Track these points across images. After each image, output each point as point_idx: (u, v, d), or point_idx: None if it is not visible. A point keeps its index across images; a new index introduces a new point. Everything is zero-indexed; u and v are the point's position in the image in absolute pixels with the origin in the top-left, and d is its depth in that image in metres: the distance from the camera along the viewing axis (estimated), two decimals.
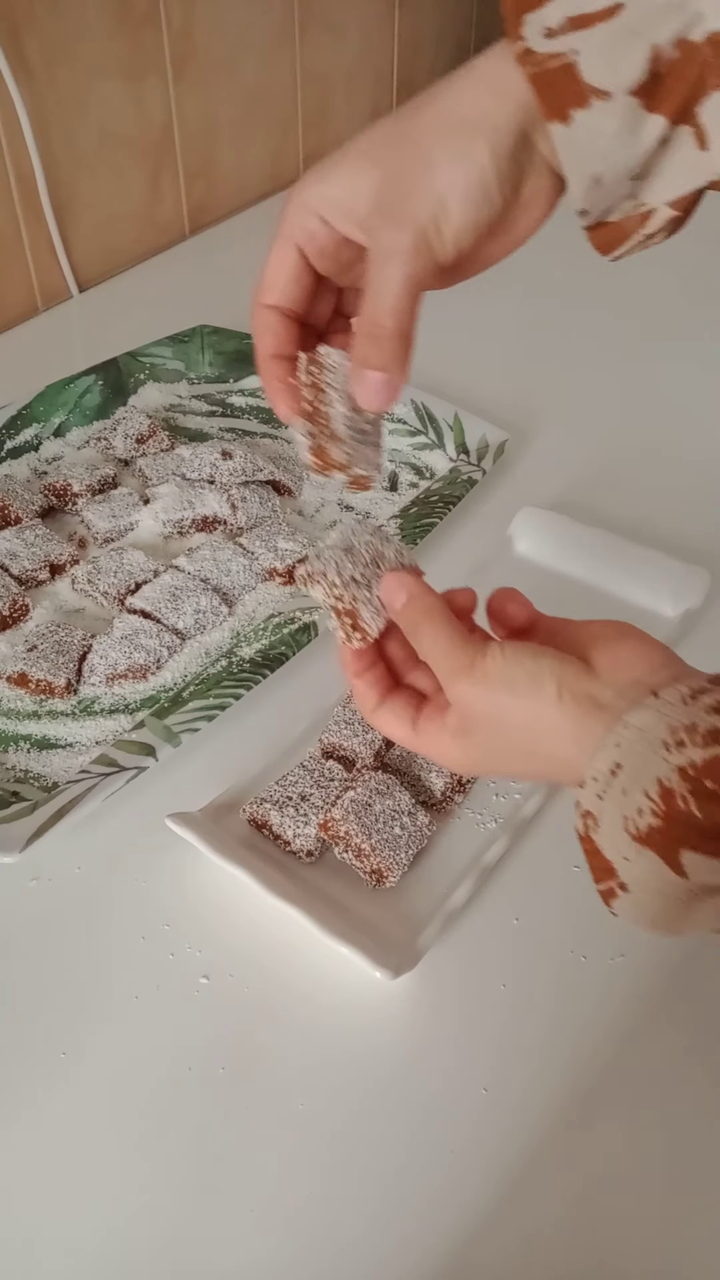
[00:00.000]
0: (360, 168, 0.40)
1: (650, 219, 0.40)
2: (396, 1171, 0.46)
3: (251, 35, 1.19)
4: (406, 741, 0.46)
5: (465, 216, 0.39)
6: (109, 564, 0.72)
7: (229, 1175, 0.46)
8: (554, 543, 0.75)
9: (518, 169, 0.39)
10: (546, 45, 0.37)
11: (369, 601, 0.46)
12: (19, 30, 0.94)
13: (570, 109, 0.37)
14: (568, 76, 0.37)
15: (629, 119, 0.37)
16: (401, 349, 0.41)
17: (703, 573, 0.71)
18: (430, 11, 1.49)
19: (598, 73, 0.37)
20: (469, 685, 0.42)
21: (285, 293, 0.43)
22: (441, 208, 0.39)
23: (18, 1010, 0.51)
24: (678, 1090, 0.48)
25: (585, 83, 0.37)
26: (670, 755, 0.36)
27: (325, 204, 0.41)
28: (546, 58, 0.37)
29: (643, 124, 0.37)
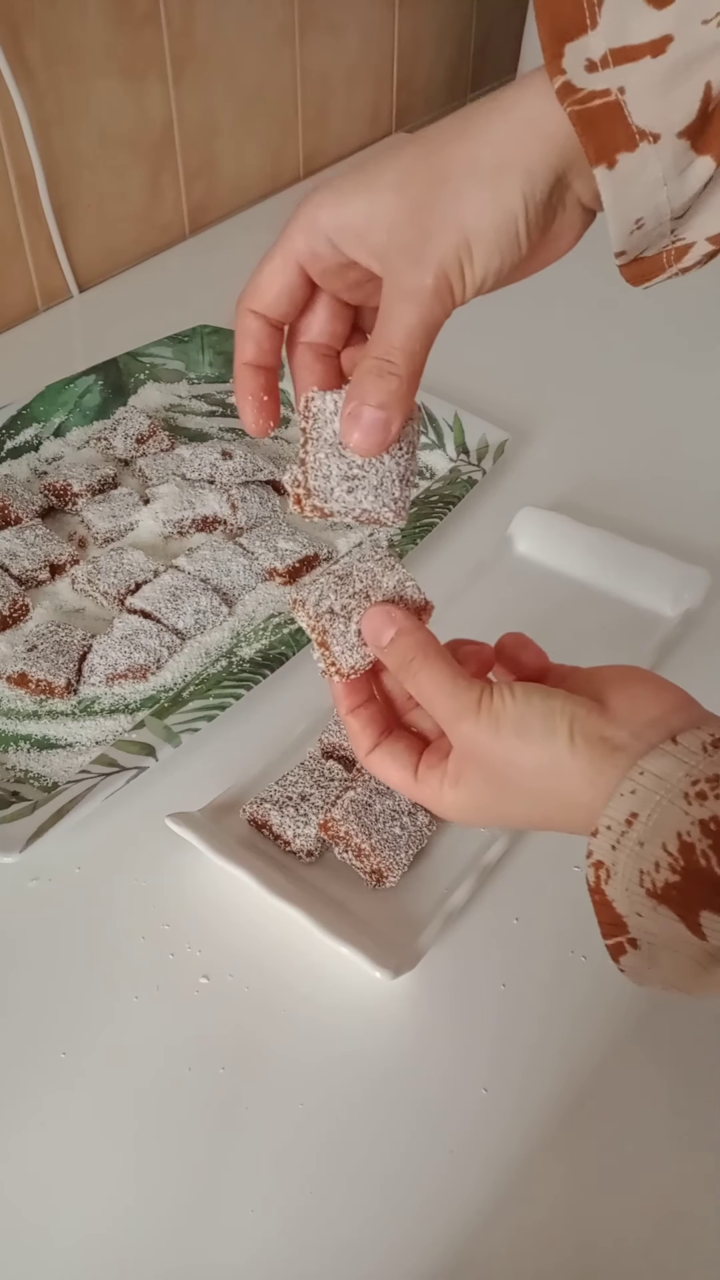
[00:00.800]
0: (382, 198, 0.38)
1: (688, 253, 0.38)
2: (396, 1171, 0.46)
3: (251, 35, 1.19)
4: (405, 789, 0.44)
5: (490, 263, 0.37)
6: (109, 564, 0.72)
7: (229, 1175, 0.46)
8: (554, 543, 0.75)
9: (550, 212, 0.37)
10: (589, 81, 0.35)
11: (344, 635, 0.42)
12: (19, 30, 0.94)
13: (616, 153, 0.35)
14: (614, 117, 0.35)
15: (677, 162, 0.35)
16: (407, 390, 0.39)
17: (703, 573, 0.71)
18: (430, 11, 1.49)
19: (646, 113, 0.34)
20: (476, 727, 0.39)
21: (275, 304, 0.41)
22: (467, 252, 0.37)
23: (18, 1010, 0.51)
24: (677, 1089, 0.48)
25: (633, 124, 0.35)
26: (691, 808, 0.34)
27: (339, 229, 0.39)
28: (590, 95, 0.35)
29: (690, 166, 0.35)
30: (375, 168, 0.38)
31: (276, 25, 1.23)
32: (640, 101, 0.34)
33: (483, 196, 0.36)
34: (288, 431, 0.89)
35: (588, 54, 0.35)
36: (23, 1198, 0.45)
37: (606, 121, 0.35)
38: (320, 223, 0.39)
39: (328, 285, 0.41)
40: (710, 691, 0.66)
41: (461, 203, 0.36)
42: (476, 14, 1.59)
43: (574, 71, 0.35)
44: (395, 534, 0.75)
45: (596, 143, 0.35)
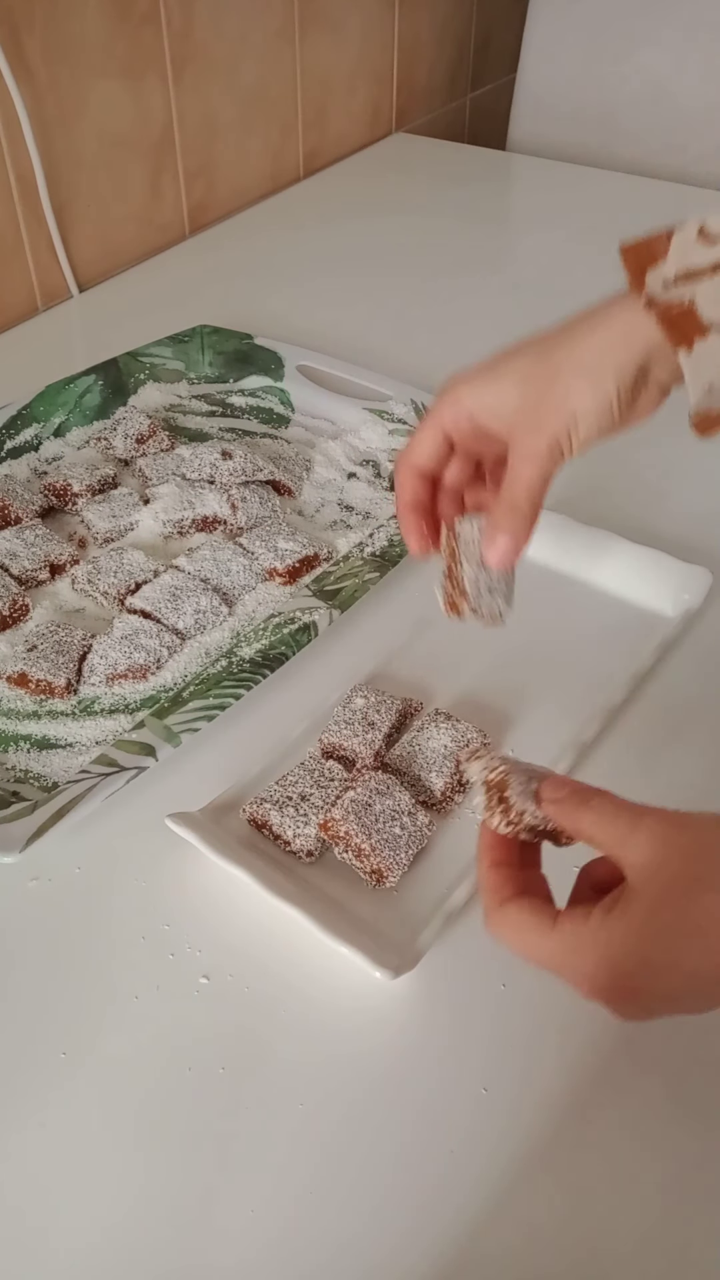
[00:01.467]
0: (509, 384, 0.51)
1: None
2: (395, 1171, 0.46)
3: (251, 35, 1.19)
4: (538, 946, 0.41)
5: (590, 432, 0.50)
6: (109, 564, 0.72)
7: (228, 1175, 0.46)
8: (554, 543, 0.75)
9: (636, 392, 0.50)
10: (667, 295, 0.48)
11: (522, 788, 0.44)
12: (19, 30, 0.94)
13: (694, 338, 0.47)
14: (689, 316, 0.48)
15: None
16: (530, 524, 0.51)
17: (703, 572, 0.71)
18: (430, 11, 1.49)
19: (714, 312, 0.47)
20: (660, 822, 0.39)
21: (429, 462, 0.54)
22: (574, 424, 0.49)
23: (18, 1010, 0.51)
24: (676, 1089, 0.48)
25: (703, 320, 0.47)
26: None
27: (478, 407, 0.52)
28: (670, 304, 0.48)
29: None
30: (503, 366, 0.52)
31: (276, 25, 1.23)
32: (706, 305, 0.47)
33: (586, 385, 0.49)
34: (288, 431, 0.89)
35: (665, 277, 0.48)
36: (22, 1198, 0.45)
37: (683, 319, 0.47)
38: (463, 401, 0.52)
39: (461, 445, 0.54)
40: (710, 692, 0.66)
41: (569, 391, 0.49)
42: (476, 14, 1.59)
43: (654, 289, 0.48)
44: (395, 533, 0.75)
45: (677, 333, 0.48)
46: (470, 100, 1.68)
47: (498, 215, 1.35)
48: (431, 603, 0.71)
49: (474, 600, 0.53)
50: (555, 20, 1.42)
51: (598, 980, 0.39)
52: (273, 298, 1.08)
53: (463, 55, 1.61)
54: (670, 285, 0.48)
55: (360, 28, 1.37)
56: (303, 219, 1.28)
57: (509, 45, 1.60)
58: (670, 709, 0.65)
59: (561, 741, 0.62)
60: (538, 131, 1.48)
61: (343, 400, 0.89)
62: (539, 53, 1.45)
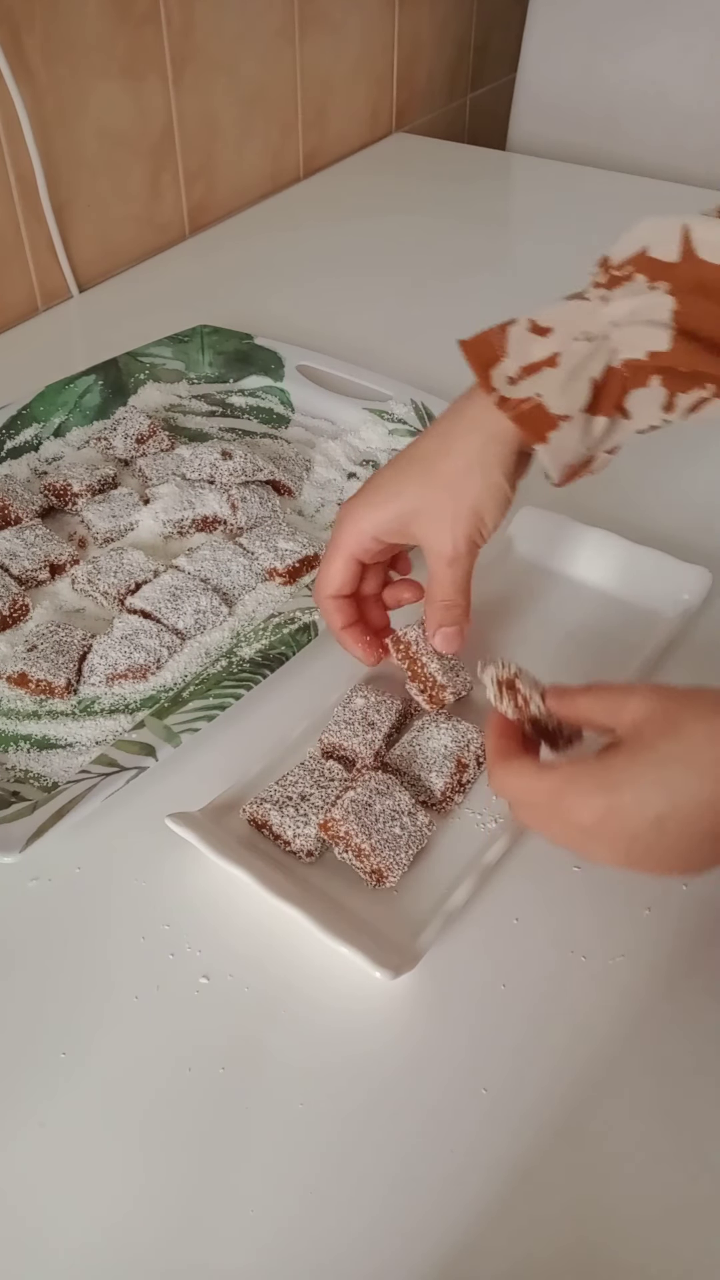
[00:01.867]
0: (406, 501, 0.57)
1: (594, 462, 0.58)
2: (396, 1170, 0.46)
3: (251, 35, 1.19)
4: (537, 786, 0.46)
5: (496, 519, 0.57)
6: (109, 564, 0.72)
7: (229, 1175, 0.46)
8: (554, 543, 0.75)
9: (520, 471, 0.57)
10: (514, 391, 0.54)
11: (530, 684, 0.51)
12: (19, 30, 0.94)
13: (547, 432, 0.54)
14: (539, 412, 0.53)
15: (584, 427, 0.54)
16: (466, 612, 0.59)
17: (703, 572, 0.71)
18: (430, 11, 1.49)
19: (559, 405, 0.53)
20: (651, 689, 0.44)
21: (344, 589, 0.61)
22: (482, 521, 0.57)
23: (18, 1010, 0.51)
24: (677, 1089, 0.48)
25: (552, 414, 0.53)
26: None
27: (383, 530, 0.58)
28: (520, 402, 0.53)
29: (592, 425, 0.55)
30: (394, 487, 0.58)
31: (276, 25, 1.23)
32: (553, 400, 0.53)
33: (481, 484, 0.56)
34: (288, 431, 0.89)
35: (507, 374, 0.54)
36: (22, 1198, 0.45)
37: (536, 416, 0.53)
38: (363, 526, 0.58)
39: (370, 560, 0.61)
40: None
41: (468, 494, 0.56)
42: (476, 14, 1.59)
43: (501, 386, 0.54)
44: None
45: (531, 431, 0.54)
46: (470, 100, 1.68)
47: (498, 215, 1.35)
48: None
49: (449, 684, 0.61)
50: (555, 20, 1.42)
51: (592, 801, 0.43)
52: (273, 298, 1.08)
53: (463, 55, 1.61)
54: (515, 382, 0.54)
55: (360, 28, 1.37)
56: (303, 219, 1.28)
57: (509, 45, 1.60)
58: None
59: None
60: (538, 131, 1.48)
61: (343, 400, 0.89)
62: (539, 53, 1.45)
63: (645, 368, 0.53)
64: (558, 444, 0.54)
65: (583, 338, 0.53)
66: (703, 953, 0.53)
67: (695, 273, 0.52)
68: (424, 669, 0.61)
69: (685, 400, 0.54)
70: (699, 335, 0.52)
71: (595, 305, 0.54)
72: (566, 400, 0.53)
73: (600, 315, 0.54)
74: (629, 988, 0.52)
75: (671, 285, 0.52)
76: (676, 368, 0.52)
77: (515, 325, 0.55)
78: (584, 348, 0.53)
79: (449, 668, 0.62)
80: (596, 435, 0.55)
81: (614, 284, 0.54)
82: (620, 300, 0.53)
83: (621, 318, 0.53)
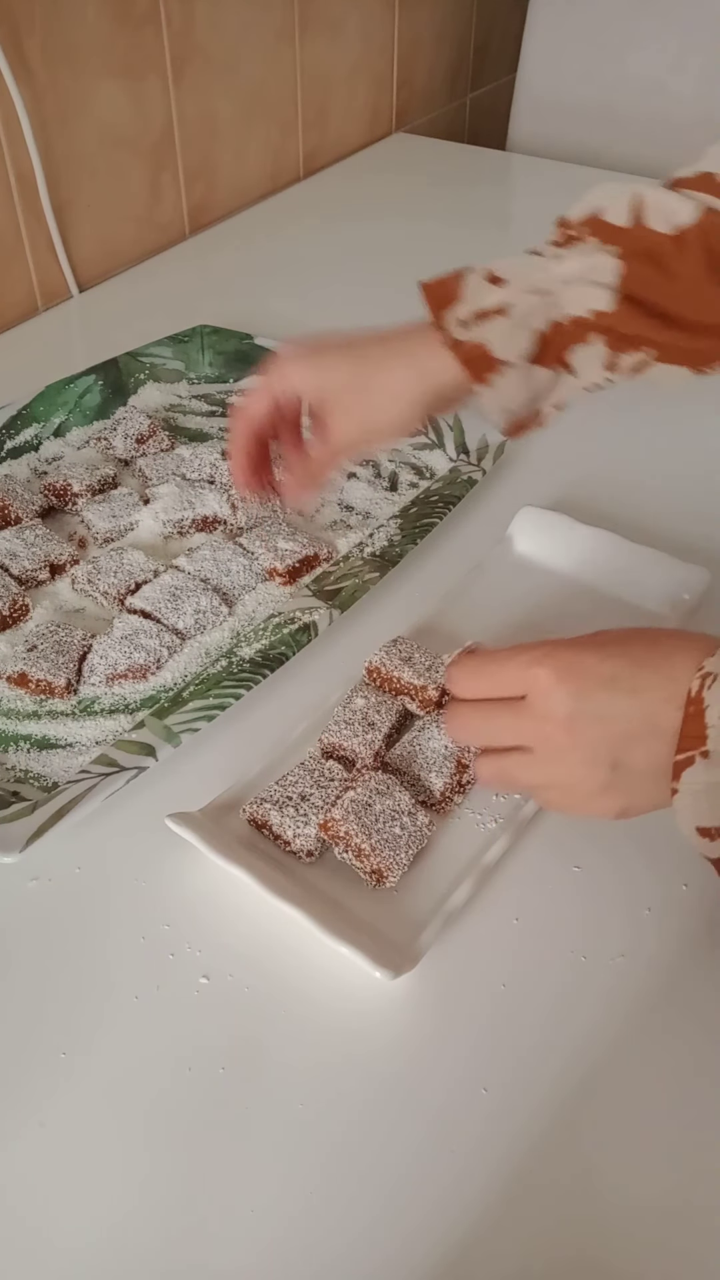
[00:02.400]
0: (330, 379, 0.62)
1: (540, 416, 0.62)
2: (396, 1171, 0.46)
3: (251, 35, 1.19)
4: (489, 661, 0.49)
5: (387, 442, 0.65)
6: (109, 564, 0.72)
7: (229, 1175, 0.46)
8: (554, 542, 0.75)
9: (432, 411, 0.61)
10: (464, 334, 0.58)
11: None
12: (19, 30, 0.94)
13: (489, 375, 0.58)
14: (484, 356, 0.57)
15: (525, 374, 0.58)
16: (314, 493, 0.69)
17: (702, 571, 0.71)
18: (430, 11, 1.49)
19: (504, 351, 0.57)
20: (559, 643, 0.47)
21: (260, 418, 0.65)
22: (377, 438, 0.63)
23: (18, 1010, 0.51)
24: (677, 1089, 0.48)
25: (496, 358, 0.57)
26: None
27: (305, 388, 0.63)
28: (468, 344, 0.57)
29: (534, 374, 0.58)
30: (328, 361, 0.62)
31: (276, 25, 1.23)
32: (498, 345, 0.57)
33: (390, 408, 0.61)
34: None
35: (459, 317, 0.58)
36: (22, 1198, 0.45)
37: (480, 360, 0.57)
38: (292, 382, 0.63)
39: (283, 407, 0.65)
40: None
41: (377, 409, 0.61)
42: (476, 14, 1.59)
43: (453, 328, 0.58)
44: (395, 534, 0.75)
45: (475, 371, 0.58)
46: (470, 100, 1.68)
47: (498, 215, 1.35)
48: (429, 603, 0.71)
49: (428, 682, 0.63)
50: (555, 20, 1.42)
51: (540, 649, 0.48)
52: (273, 298, 1.08)
53: (463, 55, 1.61)
54: (466, 325, 0.58)
55: (360, 28, 1.37)
56: (303, 219, 1.28)
57: (509, 45, 1.60)
58: None
59: None
60: (538, 131, 1.48)
61: None
62: (539, 53, 1.45)
63: (588, 325, 0.56)
64: (499, 387, 0.58)
65: (533, 291, 0.57)
66: (703, 953, 0.53)
67: (643, 239, 0.55)
68: (400, 681, 0.63)
69: (627, 361, 0.57)
70: (641, 300, 0.55)
71: (548, 261, 0.57)
72: (510, 347, 0.57)
73: (552, 271, 0.57)
74: (629, 988, 0.52)
75: (620, 249, 0.55)
76: (618, 329, 0.55)
77: (473, 273, 0.59)
78: (533, 300, 0.57)
79: (422, 670, 0.63)
80: (538, 385, 0.58)
81: (568, 243, 0.57)
82: (571, 259, 0.56)
83: (571, 276, 0.56)
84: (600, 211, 0.57)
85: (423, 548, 0.75)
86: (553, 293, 0.57)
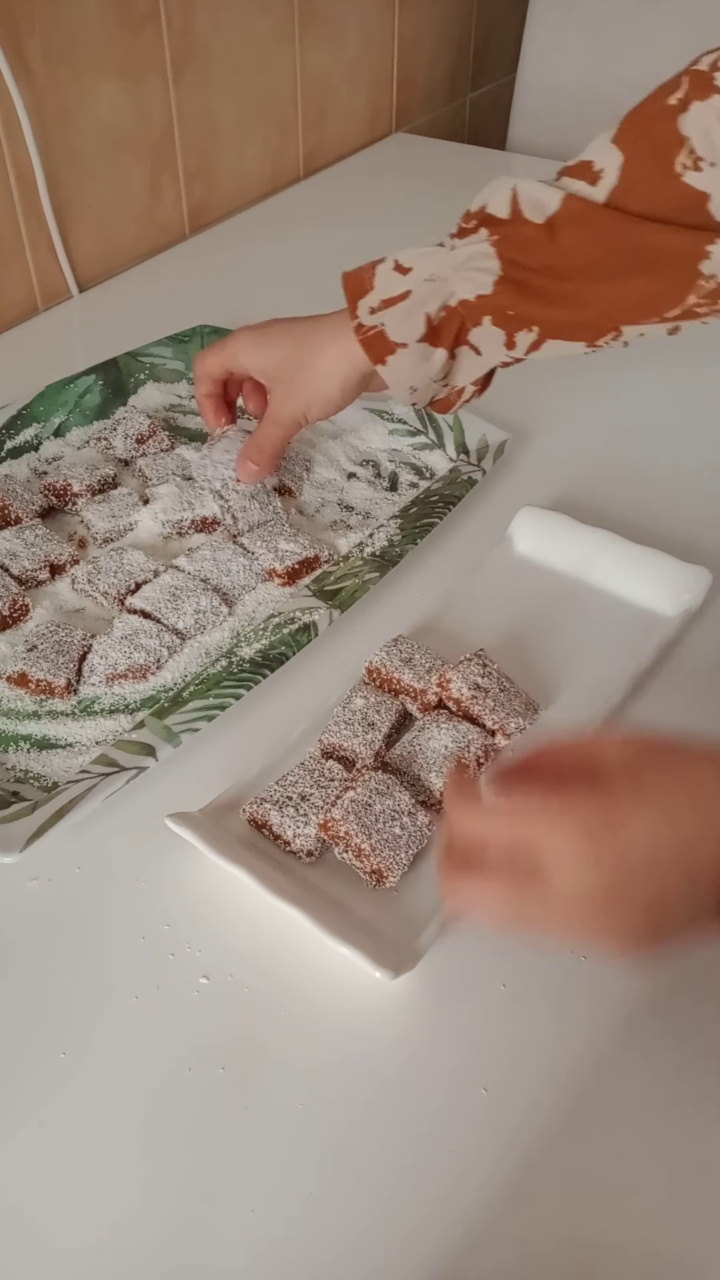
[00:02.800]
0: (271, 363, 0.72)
1: (463, 393, 0.70)
2: (396, 1171, 0.46)
3: (251, 35, 1.19)
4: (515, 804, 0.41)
5: (321, 416, 0.73)
6: (109, 564, 0.72)
7: (229, 1175, 0.46)
8: (554, 542, 0.75)
9: (360, 388, 0.71)
10: (370, 320, 0.66)
11: None
12: (19, 30, 0.94)
13: (385, 355, 0.66)
14: (381, 338, 0.66)
15: (421, 354, 0.66)
16: (273, 463, 0.77)
17: (703, 572, 0.71)
18: (430, 11, 1.49)
19: (397, 334, 0.65)
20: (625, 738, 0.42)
21: (215, 373, 0.77)
22: (310, 410, 0.72)
23: (18, 1010, 0.51)
24: (677, 1089, 0.48)
25: (390, 340, 0.66)
26: None
27: (250, 365, 0.74)
28: (369, 329, 0.66)
29: (431, 355, 0.66)
30: (272, 342, 0.72)
31: (276, 25, 1.23)
32: (392, 328, 0.65)
33: (320, 386, 0.70)
34: None
35: (370, 305, 0.66)
36: (22, 1198, 0.45)
37: (377, 342, 0.66)
38: (240, 360, 0.74)
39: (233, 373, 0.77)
40: (710, 691, 0.66)
41: (309, 388, 0.71)
42: (476, 14, 1.59)
43: (363, 315, 0.66)
44: (395, 534, 0.75)
45: (374, 353, 0.67)
46: (470, 100, 1.68)
47: None
48: (429, 603, 0.71)
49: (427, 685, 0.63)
50: (555, 20, 1.42)
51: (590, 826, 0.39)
52: (273, 298, 1.08)
53: (463, 55, 1.61)
54: (374, 312, 0.65)
55: (360, 28, 1.37)
56: (303, 219, 1.28)
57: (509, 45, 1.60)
58: (670, 709, 0.65)
59: None
60: (538, 131, 1.48)
61: None
62: (539, 53, 1.45)
63: (476, 307, 0.63)
64: (394, 366, 0.66)
65: (429, 279, 0.64)
66: (703, 953, 0.53)
67: (518, 229, 0.62)
68: (400, 682, 0.64)
69: (523, 339, 0.63)
70: (518, 281, 0.62)
71: (445, 252, 0.64)
72: (404, 330, 0.65)
73: (446, 260, 0.64)
74: (628, 988, 0.52)
75: (499, 238, 0.62)
76: (503, 308, 0.62)
77: (384, 264, 0.66)
78: (428, 287, 0.64)
79: (423, 672, 0.64)
80: (437, 365, 0.66)
81: (463, 234, 0.64)
82: (463, 248, 0.63)
83: (460, 263, 0.63)
84: (487, 205, 0.63)
85: (423, 548, 0.74)
86: (445, 280, 0.64)
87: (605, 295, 0.61)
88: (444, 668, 0.64)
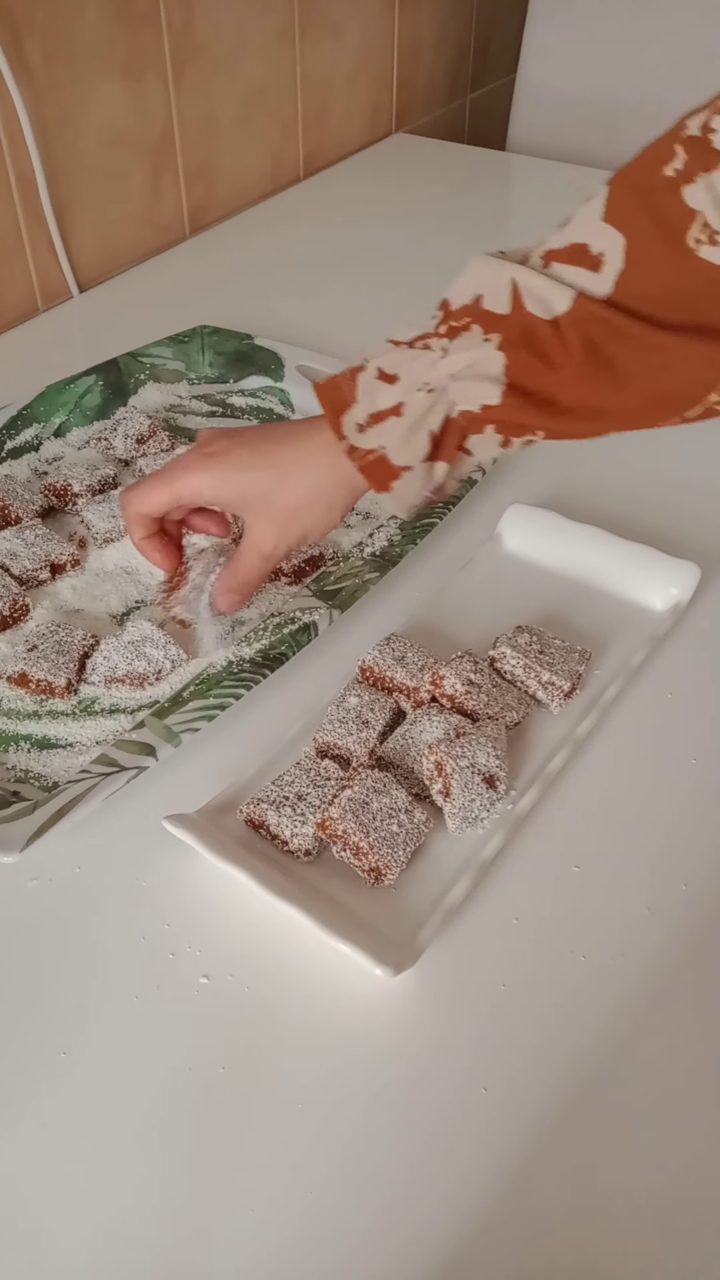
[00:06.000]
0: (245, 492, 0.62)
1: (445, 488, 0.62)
2: (396, 1169, 0.46)
3: (251, 35, 1.19)
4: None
5: (318, 539, 0.64)
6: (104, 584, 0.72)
7: (229, 1175, 0.46)
8: (543, 539, 0.75)
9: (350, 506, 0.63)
10: (362, 440, 0.58)
11: None
12: (19, 30, 0.94)
13: (390, 482, 0.58)
14: (383, 464, 0.58)
15: (425, 474, 0.59)
16: (250, 596, 0.67)
17: (691, 567, 0.71)
18: (430, 11, 1.49)
19: (401, 457, 0.58)
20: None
21: (153, 511, 0.65)
22: (305, 540, 0.63)
23: (18, 1010, 0.51)
24: (676, 1089, 0.48)
25: (395, 465, 0.58)
26: None
27: (215, 497, 0.63)
28: (366, 453, 0.58)
29: (434, 470, 0.59)
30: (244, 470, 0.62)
31: (276, 25, 1.23)
32: (395, 452, 0.57)
33: (319, 516, 0.62)
34: None
35: (357, 420, 0.58)
36: (22, 1198, 0.45)
37: (380, 468, 0.58)
38: (201, 490, 0.62)
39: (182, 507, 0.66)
40: (701, 685, 0.66)
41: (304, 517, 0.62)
42: (476, 14, 1.59)
43: (351, 434, 0.58)
44: (395, 534, 0.75)
45: (376, 481, 0.59)
46: (470, 100, 1.68)
47: (498, 216, 1.35)
48: (428, 603, 0.71)
49: (420, 684, 0.64)
50: (555, 20, 1.42)
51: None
52: (273, 298, 1.08)
53: (463, 55, 1.61)
54: (364, 430, 0.58)
55: (360, 28, 1.37)
56: (303, 219, 1.28)
57: (509, 45, 1.60)
58: (660, 703, 0.65)
59: (554, 736, 0.62)
60: (538, 131, 1.48)
61: None
62: (539, 53, 1.45)
63: (480, 418, 0.56)
64: (400, 491, 0.59)
65: (424, 389, 0.56)
66: (703, 953, 0.53)
67: (522, 324, 0.54)
68: (393, 680, 0.64)
69: (519, 440, 0.58)
70: (527, 389, 0.55)
71: (436, 356, 0.56)
72: (408, 453, 0.57)
73: (440, 367, 0.56)
74: (628, 987, 0.52)
75: (502, 338, 0.55)
76: (509, 421, 0.56)
77: (365, 372, 0.58)
78: (425, 399, 0.56)
79: (415, 670, 0.64)
80: (439, 477, 0.59)
81: (453, 334, 0.56)
82: (458, 353, 0.56)
83: (459, 370, 0.56)
84: (481, 297, 0.56)
85: (420, 548, 0.75)
86: (444, 389, 0.56)
87: (620, 402, 0.56)
88: (436, 665, 0.64)
